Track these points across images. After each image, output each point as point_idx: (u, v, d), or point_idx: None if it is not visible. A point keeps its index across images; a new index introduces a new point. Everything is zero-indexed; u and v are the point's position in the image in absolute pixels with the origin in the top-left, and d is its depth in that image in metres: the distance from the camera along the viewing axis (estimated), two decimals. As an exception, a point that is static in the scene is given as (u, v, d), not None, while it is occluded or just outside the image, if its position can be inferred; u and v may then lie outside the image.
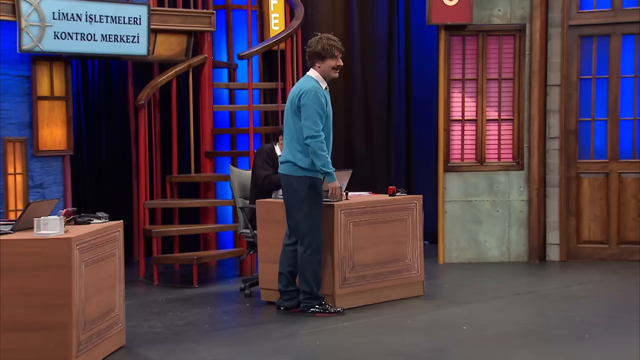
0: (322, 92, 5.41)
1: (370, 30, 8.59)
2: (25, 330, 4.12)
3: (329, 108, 5.45)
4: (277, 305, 5.60)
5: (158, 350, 4.77)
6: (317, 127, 5.32)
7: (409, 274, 6.11)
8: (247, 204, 6.30)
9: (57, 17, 6.43)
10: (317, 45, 5.43)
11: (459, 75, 7.58)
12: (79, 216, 4.72)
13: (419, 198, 6.22)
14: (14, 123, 6.63)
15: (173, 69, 7.26)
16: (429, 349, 4.77)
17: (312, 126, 5.30)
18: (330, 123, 5.48)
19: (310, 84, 5.40)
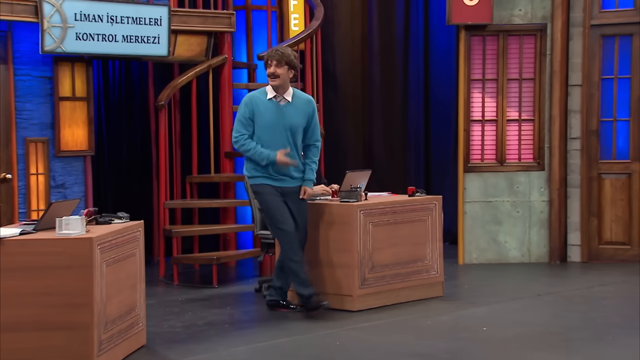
0: (256, 100, 5.45)
1: (389, 31, 8.57)
2: (48, 329, 4.15)
3: (266, 115, 5.42)
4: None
5: (178, 349, 4.79)
6: (236, 134, 5.45)
7: (429, 274, 6.09)
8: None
9: (79, 18, 6.48)
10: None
11: (479, 76, 7.55)
12: (100, 216, 4.75)
13: (439, 198, 6.21)
14: (36, 123, 6.69)
15: (193, 70, 7.29)
16: (449, 350, 4.76)
17: (233, 132, 5.49)
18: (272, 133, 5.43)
19: (253, 92, 5.61)
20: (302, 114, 5.49)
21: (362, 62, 8.62)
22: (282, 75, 5.43)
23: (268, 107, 5.45)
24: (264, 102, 5.46)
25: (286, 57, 5.43)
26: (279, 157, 5.40)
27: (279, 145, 5.43)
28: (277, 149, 5.42)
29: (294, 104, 5.48)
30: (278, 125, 5.44)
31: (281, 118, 5.44)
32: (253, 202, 6.38)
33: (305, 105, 5.51)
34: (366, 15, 8.57)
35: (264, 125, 5.44)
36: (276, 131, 5.44)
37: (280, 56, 5.42)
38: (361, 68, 8.62)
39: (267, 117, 5.44)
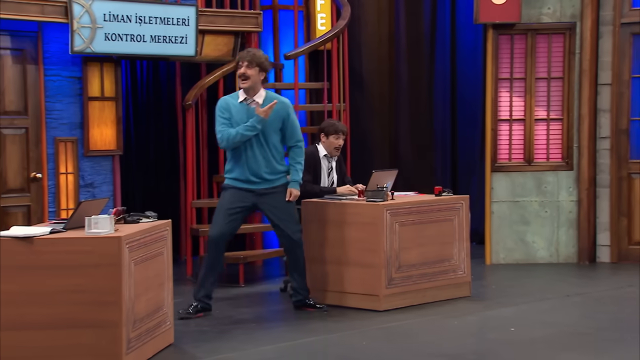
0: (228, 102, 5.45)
1: (416, 30, 8.54)
2: (78, 327, 4.19)
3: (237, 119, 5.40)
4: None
5: (205, 348, 4.81)
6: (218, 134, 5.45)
7: (456, 274, 6.07)
8: None
9: (108, 19, 6.53)
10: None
11: (506, 75, 7.50)
12: (128, 215, 4.78)
13: (466, 198, 6.18)
14: (66, 123, 6.75)
15: (220, 70, 7.32)
16: (476, 351, 4.73)
17: (216, 134, 5.48)
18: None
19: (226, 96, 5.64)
20: (274, 116, 5.39)
21: (389, 61, 8.59)
22: (252, 77, 5.37)
23: (239, 111, 5.42)
24: (235, 106, 5.44)
25: (257, 59, 5.37)
26: (260, 113, 5.32)
27: (251, 147, 5.39)
28: (248, 152, 5.41)
29: (264, 106, 5.38)
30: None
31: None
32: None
33: (279, 107, 5.41)
34: (393, 14, 8.55)
35: (237, 126, 5.40)
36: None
37: (252, 57, 5.36)
38: (388, 67, 8.60)
39: (238, 120, 5.40)
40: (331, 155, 6.24)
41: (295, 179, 5.54)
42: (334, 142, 6.19)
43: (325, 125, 6.25)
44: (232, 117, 5.43)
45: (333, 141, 6.19)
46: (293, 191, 5.52)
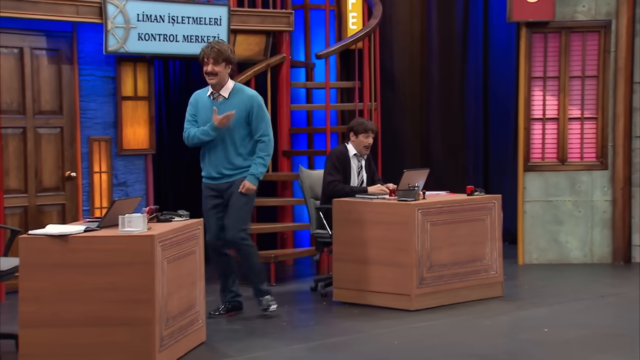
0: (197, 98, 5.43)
1: (448, 28, 8.50)
2: (111, 325, 4.23)
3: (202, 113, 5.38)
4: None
5: (237, 347, 4.83)
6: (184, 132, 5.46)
7: (488, 274, 6.03)
8: (317, 204, 6.32)
9: (141, 19, 6.59)
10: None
11: (540, 73, 7.43)
12: (161, 214, 4.81)
13: (498, 198, 6.13)
14: (100, 123, 6.82)
15: (252, 69, 7.34)
16: (509, 351, 4.70)
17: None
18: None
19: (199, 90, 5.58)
20: (237, 109, 5.32)
21: (420, 59, 8.56)
22: (220, 73, 5.30)
23: (205, 105, 5.40)
24: (203, 100, 5.43)
25: (223, 54, 5.29)
26: (215, 120, 5.27)
27: (215, 144, 5.36)
28: (215, 149, 5.37)
29: (230, 100, 5.35)
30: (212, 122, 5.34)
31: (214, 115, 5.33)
32: (309, 200, 6.41)
33: (244, 100, 5.35)
34: (425, 13, 8.51)
35: (202, 123, 5.40)
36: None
37: (217, 54, 5.28)
38: (420, 66, 8.57)
39: (204, 114, 5.39)
40: (361, 154, 6.23)
41: (252, 172, 5.37)
42: (364, 141, 6.18)
43: (355, 124, 6.23)
44: (198, 112, 5.41)
45: (362, 140, 6.18)
46: (246, 184, 5.35)
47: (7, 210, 6.24)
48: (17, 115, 6.39)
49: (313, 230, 6.36)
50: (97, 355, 4.24)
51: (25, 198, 6.44)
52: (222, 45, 5.36)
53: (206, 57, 5.31)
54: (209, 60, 5.29)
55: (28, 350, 4.24)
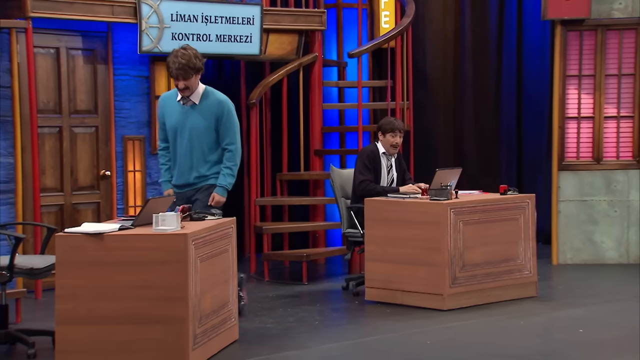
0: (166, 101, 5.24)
1: (481, 26, 8.45)
2: (145, 323, 4.27)
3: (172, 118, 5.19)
4: None
5: (269, 345, 4.85)
6: (159, 137, 5.32)
7: (521, 274, 5.98)
8: (348, 203, 6.31)
9: (175, 19, 6.64)
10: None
11: (575, 72, 7.35)
12: (194, 212, 4.84)
13: (532, 197, 6.08)
14: (134, 122, 6.89)
15: (284, 68, 7.36)
16: (543, 352, 4.66)
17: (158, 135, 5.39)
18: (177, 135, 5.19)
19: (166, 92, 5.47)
20: (207, 115, 5.14)
21: (453, 58, 8.51)
22: (192, 86, 5.09)
23: (174, 109, 5.20)
24: (172, 104, 5.22)
25: (191, 67, 5.04)
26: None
27: (183, 150, 5.18)
28: (182, 154, 5.18)
29: (200, 105, 5.15)
30: (180, 128, 5.17)
31: (184, 120, 5.16)
32: (340, 199, 6.41)
33: (213, 106, 5.15)
34: (459, 11, 8.46)
35: (171, 128, 5.21)
36: (181, 135, 5.18)
37: (185, 71, 5.02)
38: (453, 64, 8.52)
39: (172, 119, 5.19)
40: (389, 153, 6.22)
41: (221, 184, 5.21)
42: (390, 140, 6.17)
43: (382, 123, 6.24)
44: (166, 117, 5.22)
45: (390, 139, 6.17)
46: (215, 196, 5.18)
47: (43, 208, 6.32)
48: (53, 115, 6.48)
49: (344, 230, 6.36)
50: (131, 352, 4.28)
51: (61, 196, 6.52)
52: (188, 56, 5.04)
53: (174, 75, 5.06)
54: (179, 78, 5.06)
55: (64, 347, 4.29)
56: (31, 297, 5.99)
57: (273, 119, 7.82)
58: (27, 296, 5.60)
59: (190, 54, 5.07)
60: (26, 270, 4.72)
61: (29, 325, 5.14)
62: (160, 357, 4.27)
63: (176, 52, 5.08)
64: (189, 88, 5.13)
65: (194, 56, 5.07)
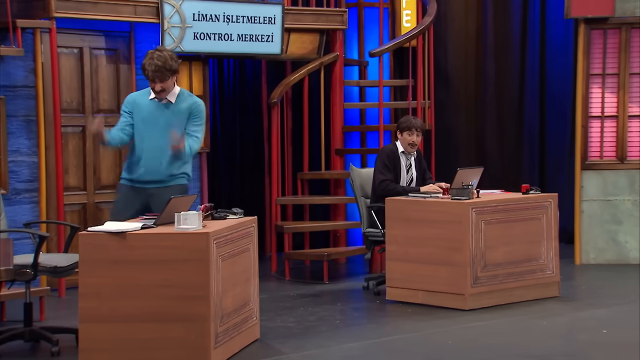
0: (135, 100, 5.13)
1: (504, 25, 8.40)
2: (167, 321, 4.29)
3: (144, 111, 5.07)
4: None
5: (291, 344, 4.86)
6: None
7: (544, 274, 5.94)
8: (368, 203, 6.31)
9: (197, 18, 6.66)
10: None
11: (598, 70, 7.29)
12: (216, 212, 4.86)
13: (554, 196, 6.04)
14: (155, 121, 6.91)
15: (305, 67, 7.37)
16: (566, 352, 4.62)
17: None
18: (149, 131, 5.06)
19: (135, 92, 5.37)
20: (182, 115, 5.07)
21: (475, 57, 8.48)
22: (168, 88, 5.03)
23: (148, 106, 5.11)
24: (144, 100, 5.13)
25: (167, 69, 4.97)
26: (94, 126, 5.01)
27: (155, 146, 5.04)
28: (152, 151, 5.04)
29: (176, 104, 5.07)
30: (155, 125, 5.06)
31: (160, 118, 5.07)
32: (360, 199, 6.40)
33: (188, 106, 5.08)
34: (481, 10, 8.42)
35: (142, 122, 5.08)
36: (153, 131, 5.06)
37: (162, 73, 4.96)
38: (474, 63, 8.48)
39: (145, 114, 5.09)
40: (407, 151, 6.21)
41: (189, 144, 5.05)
42: (407, 139, 6.16)
43: (400, 122, 6.26)
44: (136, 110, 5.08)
45: (407, 137, 6.16)
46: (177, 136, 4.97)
47: (66, 207, 6.37)
48: (76, 114, 6.52)
49: (364, 229, 6.35)
50: (154, 350, 4.30)
51: (84, 195, 6.57)
52: (164, 58, 4.98)
53: (150, 77, 5.00)
54: (155, 80, 5.00)
55: (88, 345, 4.33)
56: (55, 296, 6.04)
57: (294, 118, 7.83)
58: (50, 294, 5.64)
59: (166, 55, 5.01)
60: (50, 268, 4.76)
61: (52, 323, 5.18)
62: (183, 355, 4.29)
63: (151, 54, 5.01)
64: (165, 90, 5.05)
65: (170, 58, 5.02)
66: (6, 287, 5.05)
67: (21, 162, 6.21)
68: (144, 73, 5.05)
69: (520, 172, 8.38)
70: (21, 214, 6.10)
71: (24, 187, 6.19)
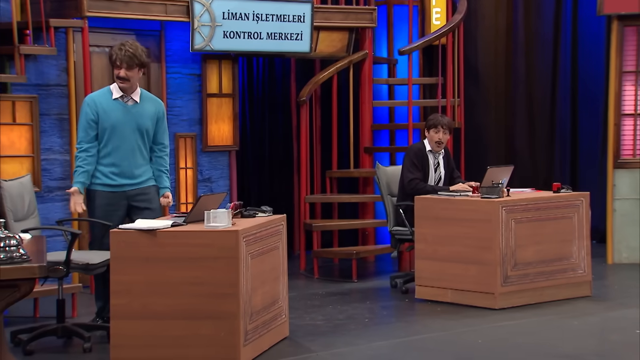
0: (96, 102, 4.95)
1: (535, 22, 8.32)
2: (196, 318, 4.31)
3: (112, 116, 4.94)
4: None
5: (320, 342, 4.86)
6: (79, 139, 4.98)
7: (575, 273, 5.89)
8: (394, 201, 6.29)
9: (227, 17, 6.69)
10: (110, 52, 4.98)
11: (632, 67, 7.20)
12: (245, 209, 4.88)
13: (586, 195, 5.98)
14: (185, 119, 6.96)
15: (334, 66, 7.36)
16: (598, 352, 4.58)
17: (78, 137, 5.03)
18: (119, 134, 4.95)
19: (95, 92, 5.13)
20: (151, 115, 5.02)
21: (506, 54, 8.41)
22: (132, 78, 4.93)
23: (114, 108, 4.95)
24: (109, 103, 4.96)
25: (137, 59, 4.91)
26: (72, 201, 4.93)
27: (127, 148, 4.96)
28: (125, 153, 4.96)
29: (141, 104, 5.00)
30: (125, 127, 4.95)
31: (129, 119, 4.96)
32: (386, 197, 6.39)
33: (153, 106, 5.05)
34: (511, 7, 8.35)
35: (111, 127, 4.94)
36: (124, 133, 4.96)
37: (130, 59, 4.87)
38: (505, 61, 8.41)
39: (114, 117, 4.94)
40: (433, 150, 6.18)
41: (167, 186, 5.14)
42: (434, 136, 6.14)
43: (428, 120, 6.26)
44: (101, 117, 4.93)
45: (433, 135, 6.14)
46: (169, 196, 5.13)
47: (97, 204, 6.42)
48: (107, 113, 6.58)
49: (390, 227, 6.34)
50: (184, 347, 4.33)
51: (114, 193, 6.61)
52: (136, 48, 4.93)
53: (119, 60, 4.89)
54: (122, 65, 4.88)
55: (119, 341, 4.37)
56: (87, 292, 6.10)
57: (323, 117, 7.83)
58: (82, 291, 5.70)
59: (138, 46, 4.96)
60: (82, 265, 4.81)
61: (84, 319, 5.24)
62: (212, 353, 4.31)
63: (123, 42, 4.96)
64: (129, 80, 4.93)
65: (141, 49, 4.98)
66: (39, 283, 5.11)
67: (54, 160, 6.28)
68: (110, 60, 4.94)
69: (551, 171, 8.30)
70: (54, 211, 6.17)
71: (56, 184, 6.25)
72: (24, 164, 6.04)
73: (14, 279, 3.44)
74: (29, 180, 5.28)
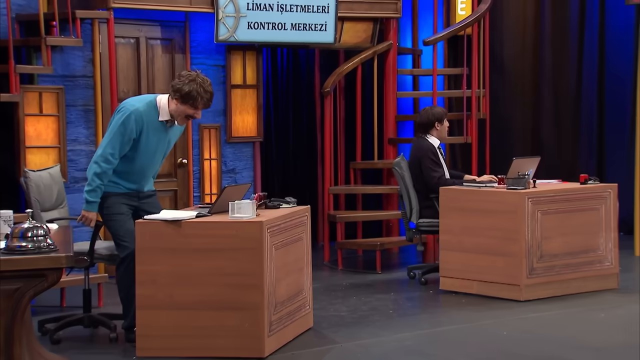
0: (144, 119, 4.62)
1: (562, 13, 8.23)
2: (222, 309, 4.33)
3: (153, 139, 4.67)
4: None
5: (344, 333, 4.86)
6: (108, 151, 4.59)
7: (602, 265, 5.83)
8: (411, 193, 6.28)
9: (251, 8, 6.69)
10: (186, 85, 4.60)
11: (660, 58, 7.11)
12: (269, 200, 4.88)
13: (614, 187, 5.92)
14: (210, 110, 6.92)
15: (358, 56, 7.33)
16: (625, 344, 4.53)
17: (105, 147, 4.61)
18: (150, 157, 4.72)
19: (139, 103, 4.67)
20: (178, 135, 4.89)
21: (532, 45, 8.33)
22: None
23: (157, 130, 4.68)
24: (155, 124, 4.67)
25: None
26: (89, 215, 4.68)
27: (149, 161, 4.74)
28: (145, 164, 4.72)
29: (175, 126, 4.78)
30: (157, 151, 4.76)
31: (163, 141, 4.75)
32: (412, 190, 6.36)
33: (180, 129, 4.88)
34: (539, -3, 8.27)
35: (146, 149, 4.68)
36: (155, 157, 4.78)
37: (210, 101, 4.67)
38: (531, 51, 8.33)
39: (153, 142, 4.69)
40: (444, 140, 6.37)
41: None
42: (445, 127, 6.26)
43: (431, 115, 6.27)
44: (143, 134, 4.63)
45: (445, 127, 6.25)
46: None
47: (123, 195, 6.45)
48: (132, 104, 6.60)
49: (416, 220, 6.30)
50: (209, 337, 4.35)
51: (140, 184, 6.65)
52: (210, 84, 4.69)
53: (201, 103, 4.62)
54: (200, 107, 4.64)
55: (145, 331, 4.39)
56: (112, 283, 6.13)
57: (347, 108, 7.81)
58: (108, 281, 5.75)
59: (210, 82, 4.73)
60: (106, 256, 4.85)
61: (110, 309, 5.28)
62: (237, 343, 4.33)
63: (202, 81, 4.63)
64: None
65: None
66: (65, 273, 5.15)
67: (79, 151, 6.33)
68: (190, 98, 4.58)
69: (577, 162, 8.23)
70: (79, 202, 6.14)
71: (82, 175, 6.29)
72: (50, 154, 6.09)
73: (42, 268, 3.48)
74: (58, 171, 5.32)
